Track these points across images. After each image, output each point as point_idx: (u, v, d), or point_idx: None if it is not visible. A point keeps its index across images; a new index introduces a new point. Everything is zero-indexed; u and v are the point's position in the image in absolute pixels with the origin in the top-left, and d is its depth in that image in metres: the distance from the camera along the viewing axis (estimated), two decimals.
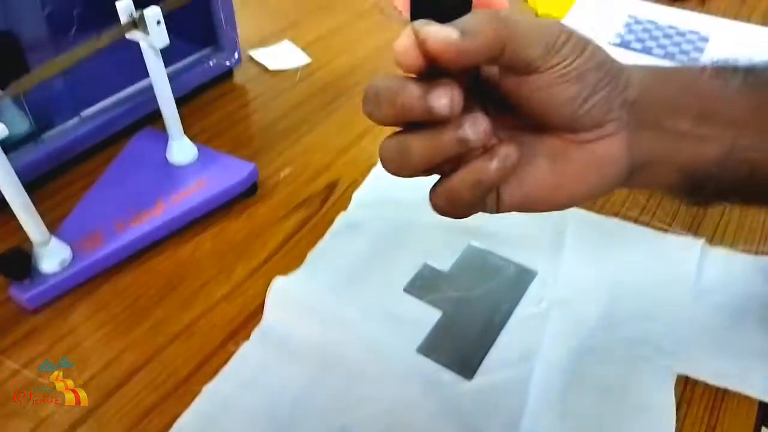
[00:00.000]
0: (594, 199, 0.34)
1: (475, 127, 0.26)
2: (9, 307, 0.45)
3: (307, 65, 0.73)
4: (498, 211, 0.31)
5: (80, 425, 0.38)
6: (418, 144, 0.26)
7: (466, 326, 0.43)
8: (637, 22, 0.81)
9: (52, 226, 0.45)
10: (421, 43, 0.25)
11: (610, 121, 0.29)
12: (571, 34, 0.27)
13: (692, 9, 0.85)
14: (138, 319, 0.44)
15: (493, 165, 0.26)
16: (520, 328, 0.43)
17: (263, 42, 0.77)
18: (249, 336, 0.42)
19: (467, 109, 0.25)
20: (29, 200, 0.42)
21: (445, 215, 0.30)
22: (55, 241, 0.44)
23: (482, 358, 0.41)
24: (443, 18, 0.27)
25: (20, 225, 0.47)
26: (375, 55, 0.75)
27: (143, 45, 0.46)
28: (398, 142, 0.27)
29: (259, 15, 0.83)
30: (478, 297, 0.45)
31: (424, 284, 0.46)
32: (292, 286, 0.45)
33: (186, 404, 0.38)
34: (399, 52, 0.25)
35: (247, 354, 0.41)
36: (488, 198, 0.30)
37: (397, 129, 0.28)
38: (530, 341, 0.42)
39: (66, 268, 0.44)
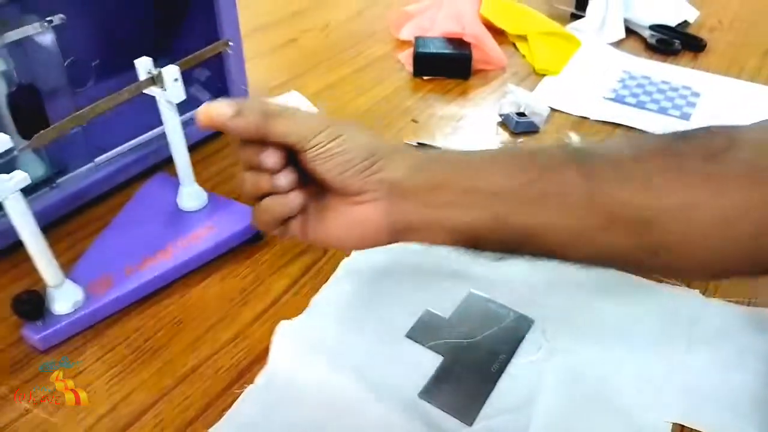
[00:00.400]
0: (367, 248, 0.44)
1: (285, 177, 0.39)
2: (21, 347, 0.46)
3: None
4: (303, 239, 0.42)
5: None
6: (250, 182, 0.40)
7: (467, 372, 0.44)
8: (632, 77, 0.85)
9: (65, 268, 0.47)
10: (206, 112, 0.38)
11: (366, 192, 0.39)
12: (328, 126, 0.39)
13: (684, 65, 0.89)
14: (146, 361, 0.45)
15: (280, 199, 0.40)
16: (519, 376, 0.44)
17: (271, 92, 0.80)
18: (254, 379, 0.43)
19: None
20: (46, 245, 0.43)
21: (256, 227, 0.42)
22: (68, 284, 0.45)
23: (482, 404, 0.42)
24: (445, 72, 0.39)
25: (33, 266, 0.48)
26: (380, 104, 0.78)
27: (160, 100, 0.48)
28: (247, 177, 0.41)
29: (266, 66, 0.87)
30: (478, 344, 0.46)
31: (426, 330, 0.47)
32: (296, 331, 0.46)
33: None
34: (197, 117, 0.39)
35: (252, 398, 0.42)
36: (295, 228, 0.42)
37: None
38: (529, 388, 0.43)
39: (77, 309, 0.46)
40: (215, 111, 0.38)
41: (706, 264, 0.38)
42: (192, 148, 0.55)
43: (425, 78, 0.84)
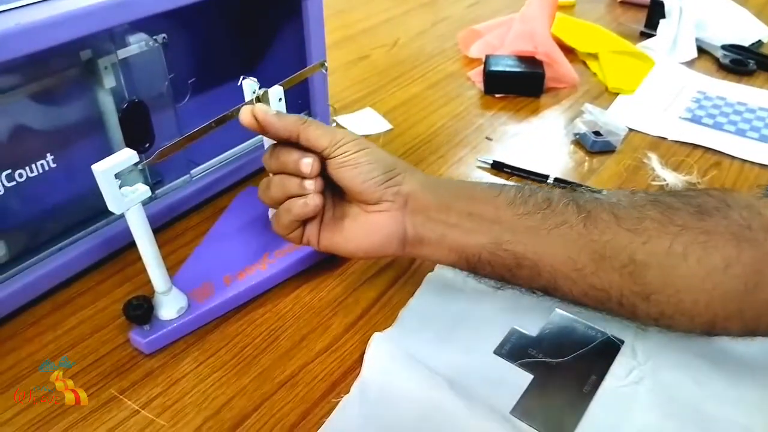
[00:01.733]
0: (376, 257, 0.51)
1: (317, 182, 0.44)
2: (126, 349, 0.48)
3: (389, 131, 0.77)
4: (316, 247, 0.48)
5: None
6: (278, 184, 0.46)
7: (557, 393, 0.45)
8: (707, 97, 0.84)
9: None
10: (251, 111, 0.44)
11: (384, 201, 0.44)
12: (353, 138, 0.44)
13: (760, 86, 0.87)
14: (245, 367, 0.47)
15: (302, 201, 0.44)
16: (611, 398, 0.44)
17: (346, 108, 0.82)
18: (349, 389, 0.45)
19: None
20: (159, 254, 0.46)
21: (276, 230, 0.48)
22: (175, 291, 0.48)
23: (576, 425, 0.42)
24: (516, 90, 0.50)
25: (137, 270, 0.51)
26: (452, 122, 0.79)
27: None
28: (266, 182, 0.47)
29: (340, 83, 0.89)
30: (567, 364, 0.46)
31: (513, 348, 0.48)
32: (388, 343, 0.48)
33: None
34: (241, 116, 0.44)
35: (349, 407, 0.43)
36: (310, 234, 0.47)
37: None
38: (622, 411, 0.43)
39: (182, 315, 0.48)
40: (259, 111, 0.44)
41: (694, 315, 0.40)
42: None
43: (496, 96, 0.85)
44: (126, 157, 0.40)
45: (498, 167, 0.70)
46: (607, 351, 0.47)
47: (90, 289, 0.54)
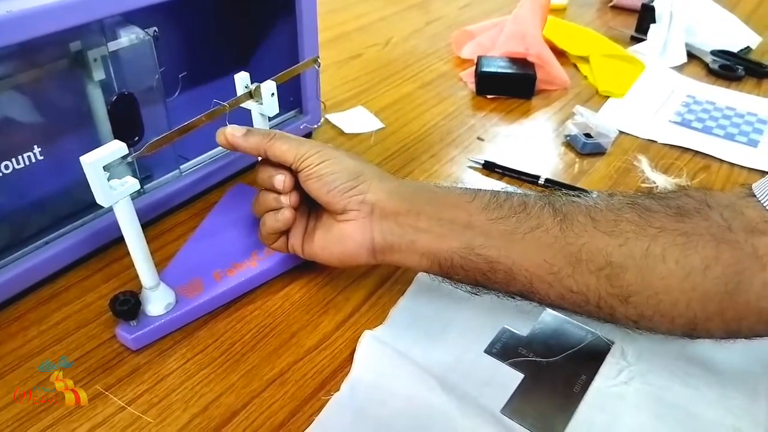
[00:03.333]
0: (349, 265, 0.51)
1: (288, 197, 0.46)
2: (113, 345, 0.48)
3: (381, 129, 0.77)
4: (302, 256, 0.50)
5: None
6: (260, 200, 0.49)
7: (548, 392, 0.44)
8: (696, 102, 0.84)
9: None
10: (223, 133, 0.47)
11: (350, 210, 0.45)
12: (317, 149, 0.45)
13: (749, 92, 0.88)
14: (234, 364, 0.46)
15: (275, 216, 0.47)
16: (601, 398, 0.44)
17: (338, 106, 0.82)
18: (339, 387, 0.44)
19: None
20: (147, 248, 0.45)
21: (261, 241, 0.50)
22: (163, 286, 0.47)
23: (566, 425, 0.42)
24: (507, 91, 0.49)
25: (124, 266, 0.51)
26: (444, 122, 0.79)
27: (255, 113, 0.50)
28: (256, 196, 0.49)
29: (333, 82, 0.89)
30: (558, 364, 0.46)
31: (504, 347, 0.48)
32: (379, 342, 0.47)
33: None
34: (217, 137, 0.47)
35: (339, 406, 0.43)
36: (293, 243, 0.49)
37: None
38: (612, 412, 0.43)
39: (169, 311, 0.48)
40: (230, 132, 0.46)
41: (675, 317, 0.40)
42: None
43: (488, 97, 0.85)
44: (115, 149, 0.40)
45: (489, 167, 0.70)
46: (597, 351, 0.47)
47: (76, 284, 0.53)
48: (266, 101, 0.48)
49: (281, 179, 0.46)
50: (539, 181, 0.67)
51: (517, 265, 0.42)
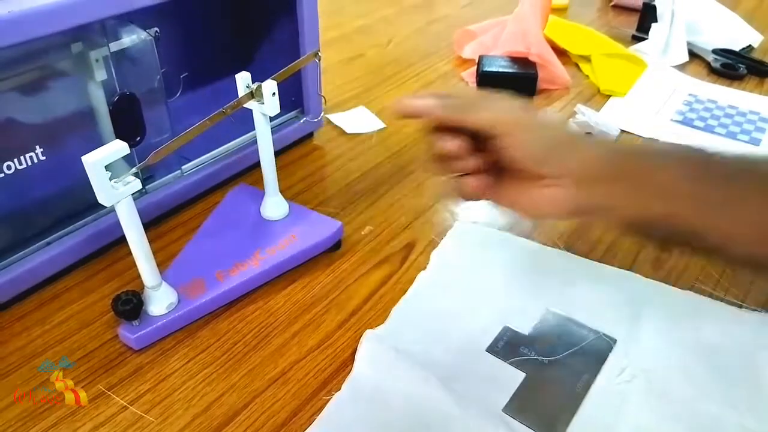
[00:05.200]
0: (549, 219, 0.51)
1: (475, 160, 0.44)
2: (115, 345, 0.48)
3: (382, 129, 0.77)
4: (493, 201, 0.46)
5: None
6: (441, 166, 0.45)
7: (550, 391, 0.44)
8: (698, 101, 0.84)
9: None
10: (409, 102, 0.44)
11: (553, 177, 0.42)
12: (520, 117, 0.42)
13: (750, 90, 0.88)
14: (236, 364, 0.46)
15: (465, 181, 0.44)
16: (603, 396, 0.44)
17: (339, 107, 0.82)
18: (340, 386, 0.44)
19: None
20: (149, 248, 0.45)
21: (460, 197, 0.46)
22: (165, 286, 0.47)
23: (568, 424, 0.42)
24: (509, 91, 0.42)
25: (126, 266, 0.51)
26: None
27: (256, 113, 0.50)
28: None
29: (334, 82, 0.89)
30: (560, 362, 0.46)
31: (506, 346, 0.48)
32: (380, 341, 0.47)
33: None
34: (398, 106, 0.44)
35: (341, 405, 0.43)
36: (488, 194, 0.46)
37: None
38: (614, 410, 0.43)
39: (172, 311, 0.48)
40: (420, 101, 0.44)
41: None
42: None
43: None
44: (117, 148, 0.40)
45: None
46: (600, 350, 0.47)
47: (78, 285, 0.53)
48: (267, 101, 0.48)
49: (456, 144, 0.43)
50: None
51: (720, 234, 0.40)
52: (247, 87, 0.49)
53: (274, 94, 0.48)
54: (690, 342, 0.48)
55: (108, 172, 0.40)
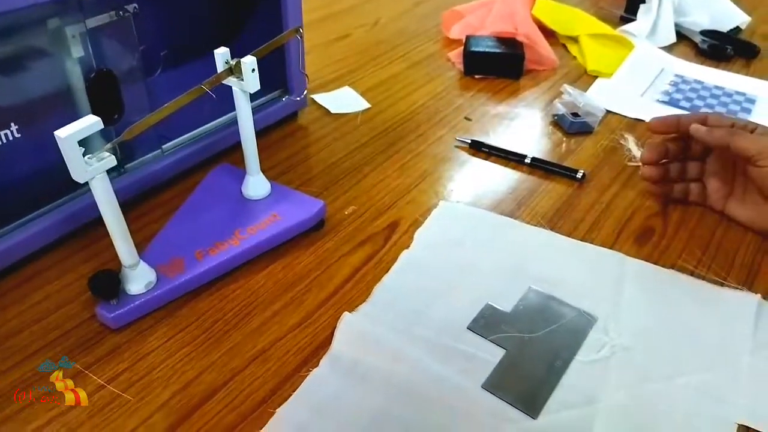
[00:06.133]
0: None
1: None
2: (92, 324, 0.47)
3: (367, 110, 0.76)
4: (719, 210, 0.59)
5: None
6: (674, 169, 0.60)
7: (530, 366, 0.44)
8: (685, 81, 0.84)
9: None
10: (672, 122, 0.59)
11: None
12: None
13: (737, 71, 0.88)
14: (215, 342, 0.46)
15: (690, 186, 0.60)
16: (582, 373, 0.44)
17: (324, 87, 0.81)
18: (318, 363, 0.44)
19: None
20: (126, 226, 0.45)
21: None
22: (142, 265, 0.47)
23: (547, 399, 0.42)
24: (496, 71, 0.51)
25: (104, 246, 0.50)
26: (431, 102, 0.79)
27: (236, 89, 0.49)
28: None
29: (319, 62, 0.88)
30: (540, 339, 0.46)
31: (487, 323, 0.48)
32: (360, 320, 0.47)
33: (263, 424, 0.40)
34: (655, 124, 0.60)
35: (318, 382, 0.43)
36: (714, 201, 0.59)
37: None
38: (593, 385, 0.43)
39: (150, 290, 0.47)
40: (686, 124, 0.57)
41: None
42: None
43: (476, 77, 0.84)
44: (90, 123, 0.39)
45: (476, 146, 0.69)
46: (580, 327, 0.47)
47: (56, 264, 0.52)
48: (247, 77, 0.47)
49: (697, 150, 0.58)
50: (525, 161, 0.66)
51: None
52: (227, 63, 0.48)
53: (254, 70, 0.47)
54: (671, 320, 0.48)
55: (82, 148, 0.40)
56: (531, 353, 0.45)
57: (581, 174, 0.64)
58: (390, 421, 0.41)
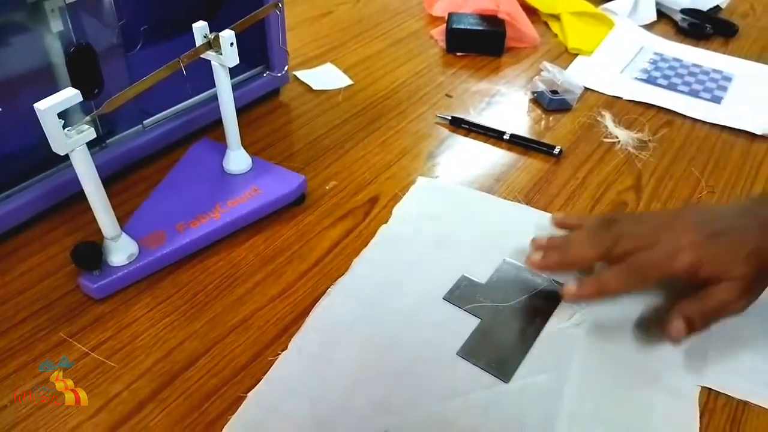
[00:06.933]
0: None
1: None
2: (76, 295, 0.48)
3: (349, 86, 0.77)
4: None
5: (146, 405, 0.41)
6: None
7: (503, 334, 0.46)
8: (663, 59, 0.85)
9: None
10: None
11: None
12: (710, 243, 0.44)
13: (715, 50, 0.89)
14: (197, 312, 0.47)
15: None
16: (553, 340, 0.46)
17: (306, 64, 0.81)
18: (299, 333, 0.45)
19: None
20: (106, 198, 0.45)
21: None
22: (124, 237, 0.48)
23: (518, 364, 0.44)
24: (477, 49, 0.46)
25: (87, 219, 0.51)
26: (413, 79, 0.79)
27: (215, 64, 0.50)
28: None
29: (302, 39, 0.88)
30: (513, 308, 0.48)
31: (462, 294, 0.49)
32: (338, 292, 0.48)
33: (245, 389, 0.41)
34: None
35: (289, 360, 0.44)
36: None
37: None
38: (563, 352, 0.45)
39: (132, 262, 0.48)
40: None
41: None
42: (236, 114, 0.57)
43: (458, 54, 0.85)
44: (69, 95, 0.39)
45: (456, 123, 0.70)
46: (551, 296, 0.49)
47: (39, 238, 0.53)
48: (226, 51, 0.48)
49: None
50: (504, 137, 0.68)
51: None
52: (205, 37, 0.48)
53: (232, 44, 0.48)
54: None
55: (62, 120, 0.40)
56: (504, 322, 0.47)
57: (558, 150, 0.65)
58: (363, 395, 0.41)
